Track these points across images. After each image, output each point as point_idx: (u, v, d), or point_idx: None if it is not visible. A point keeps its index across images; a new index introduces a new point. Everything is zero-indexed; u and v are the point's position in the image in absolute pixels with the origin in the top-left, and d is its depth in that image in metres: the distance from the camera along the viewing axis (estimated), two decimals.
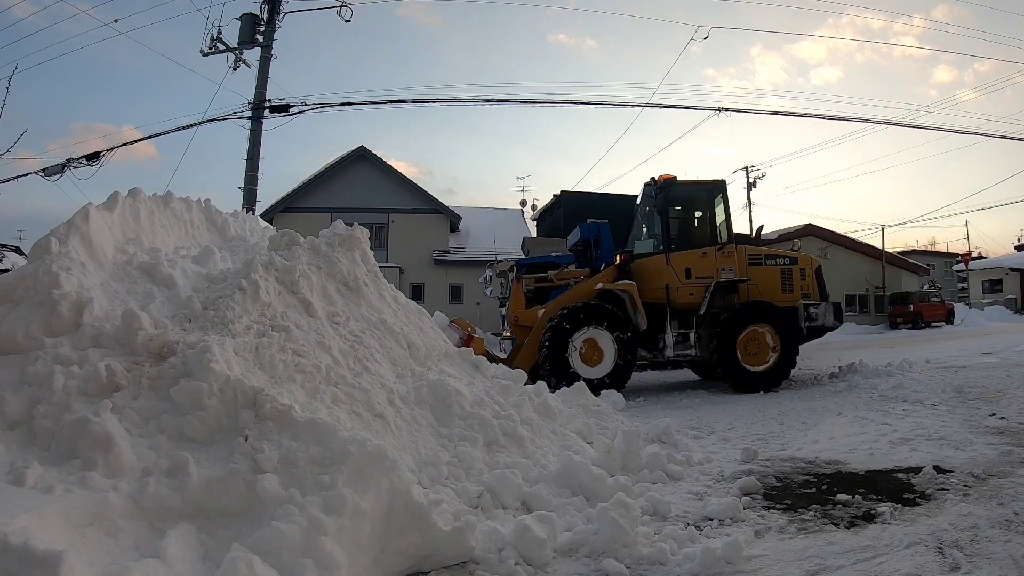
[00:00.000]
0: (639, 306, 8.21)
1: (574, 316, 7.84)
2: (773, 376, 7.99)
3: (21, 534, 1.82)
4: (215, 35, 14.07)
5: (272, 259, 4.18)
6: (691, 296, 8.33)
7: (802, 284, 8.68)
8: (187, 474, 2.45)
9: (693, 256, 8.44)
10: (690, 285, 8.35)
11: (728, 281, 8.36)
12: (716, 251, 8.42)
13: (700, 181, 8.98)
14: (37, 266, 3.32)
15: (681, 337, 8.32)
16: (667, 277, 8.39)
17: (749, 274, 8.47)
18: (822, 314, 8.56)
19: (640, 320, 8.22)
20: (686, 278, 8.36)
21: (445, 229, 23.17)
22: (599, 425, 4.88)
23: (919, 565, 2.39)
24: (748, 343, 8.02)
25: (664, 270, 8.43)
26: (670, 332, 8.29)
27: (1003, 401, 6.07)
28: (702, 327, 8.22)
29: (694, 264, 8.40)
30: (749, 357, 7.99)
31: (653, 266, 8.58)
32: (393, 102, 15.28)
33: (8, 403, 2.74)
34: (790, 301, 8.50)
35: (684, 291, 8.34)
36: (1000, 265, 37.37)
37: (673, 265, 8.40)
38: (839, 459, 4.21)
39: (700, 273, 8.36)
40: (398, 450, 3.31)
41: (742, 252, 8.56)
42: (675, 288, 8.34)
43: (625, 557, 2.60)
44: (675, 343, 8.29)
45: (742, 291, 8.42)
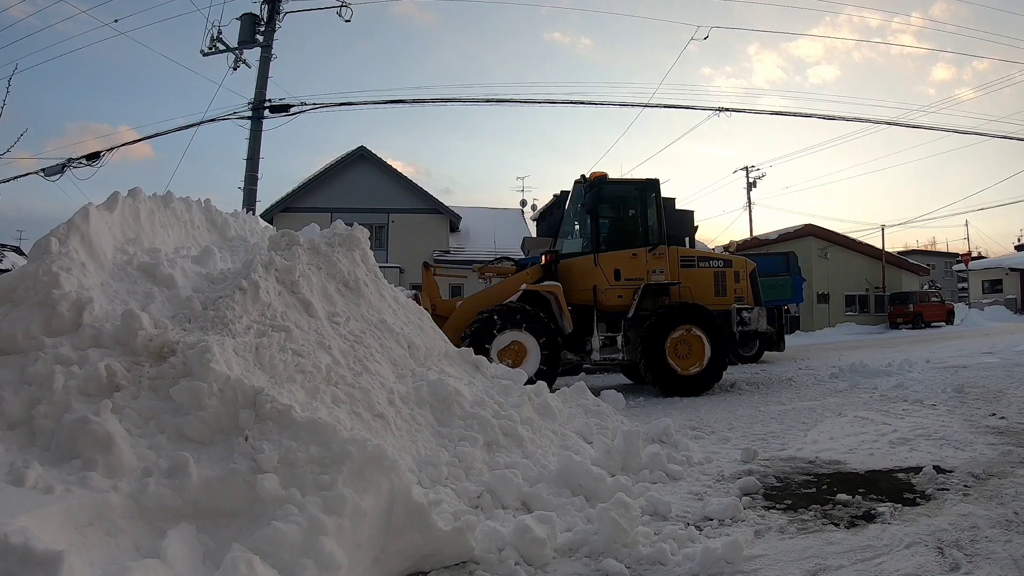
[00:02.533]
0: (564, 308, 7.99)
1: (491, 320, 7.59)
2: (703, 379, 7.84)
3: (21, 534, 1.82)
4: (215, 35, 14.10)
5: (272, 259, 4.18)
6: (620, 298, 8.12)
7: (736, 288, 8.57)
8: (187, 474, 2.45)
9: (623, 257, 8.22)
10: (619, 287, 8.13)
11: (658, 283, 8.19)
12: (647, 252, 8.20)
13: (632, 180, 8.82)
14: (37, 266, 3.32)
15: (608, 340, 8.14)
16: (595, 278, 8.18)
17: (682, 276, 8.31)
18: (755, 318, 8.47)
19: (565, 323, 7.99)
20: (615, 279, 8.15)
21: (445, 229, 23.18)
22: (599, 425, 4.88)
23: (919, 565, 2.39)
24: (678, 346, 7.85)
25: (592, 271, 8.22)
26: (597, 335, 8.09)
27: (1003, 401, 6.07)
28: (630, 330, 8.04)
29: (624, 265, 8.19)
30: (679, 360, 7.84)
31: (581, 266, 8.37)
32: (393, 102, 15.32)
33: (8, 403, 2.74)
34: (723, 304, 8.38)
35: (612, 293, 8.13)
36: (1000, 265, 37.41)
37: (602, 266, 8.18)
38: (839, 459, 4.21)
39: (630, 275, 8.15)
40: (398, 450, 3.31)
41: (674, 254, 8.39)
42: (603, 290, 8.13)
43: (625, 557, 2.60)
44: (602, 346, 8.11)
45: (673, 294, 8.26)
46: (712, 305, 8.22)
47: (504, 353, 7.51)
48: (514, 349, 7.62)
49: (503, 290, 8.41)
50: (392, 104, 15.34)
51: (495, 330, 7.54)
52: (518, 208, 27.87)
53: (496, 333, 7.54)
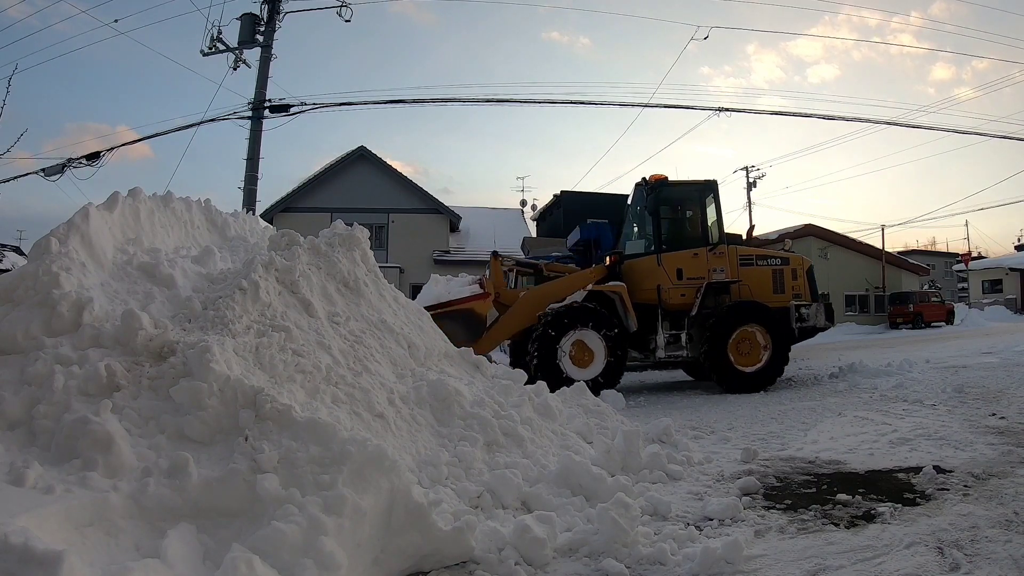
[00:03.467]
0: (629, 307, 8.22)
1: (559, 320, 7.81)
2: (764, 376, 8.00)
3: (21, 534, 1.82)
4: (215, 35, 14.07)
5: (272, 259, 4.18)
6: (683, 297, 8.31)
7: (794, 285, 8.68)
8: (187, 474, 2.45)
9: (684, 257, 8.41)
10: (681, 286, 8.33)
11: (719, 282, 8.35)
12: (707, 252, 8.40)
13: (692, 181, 8.96)
14: (37, 266, 3.32)
15: (672, 338, 8.32)
16: (659, 278, 8.38)
17: (741, 275, 8.45)
18: (813, 314, 8.57)
19: (630, 321, 8.21)
20: (677, 279, 8.34)
21: (445, 229, 23.17)
22: (599, 425, 4.88)
23: (919, 565, 2.39)
24: (740, 343, 8.02)
25: (655, 271, 8.42)
26: (661, 333, 8.29)
27: (1003, 401, 6.07)
28: (693, 328, 8.22)
29: (685, 265, 8.38)
30: (741, 357, 7.99)
31: (644, 267, 8.59)
32: (393, 102, 15.29)
33: (8, 403, 2.74)
34: (781, 302, 8.50)
35: (676, 292, 8.32)
36: (1000, 265, 37.39)
37: (664, 266, 8.39)
38: (839, 459, 4.21)
39: (692, 274, 8.34)
40: (398, 450, 3.31)
41: (733, 253, 8.54)
42: (666, 289, 8.33)
43: (625, 557, 2.60)
44: (666, 344, 8.30)
45: (733, 292, 8.42)
46: (771, 302, 8.36)
47: (573, 350, 7.78)
48: (581, 348, 7.85)
49: (566, 286, 8.54)
50: (392, 104, 15.35)
51: (564, 329, 7.77)
52: (518, 208, 27.87)
53: (565, 332, 7.78)
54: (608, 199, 22.19)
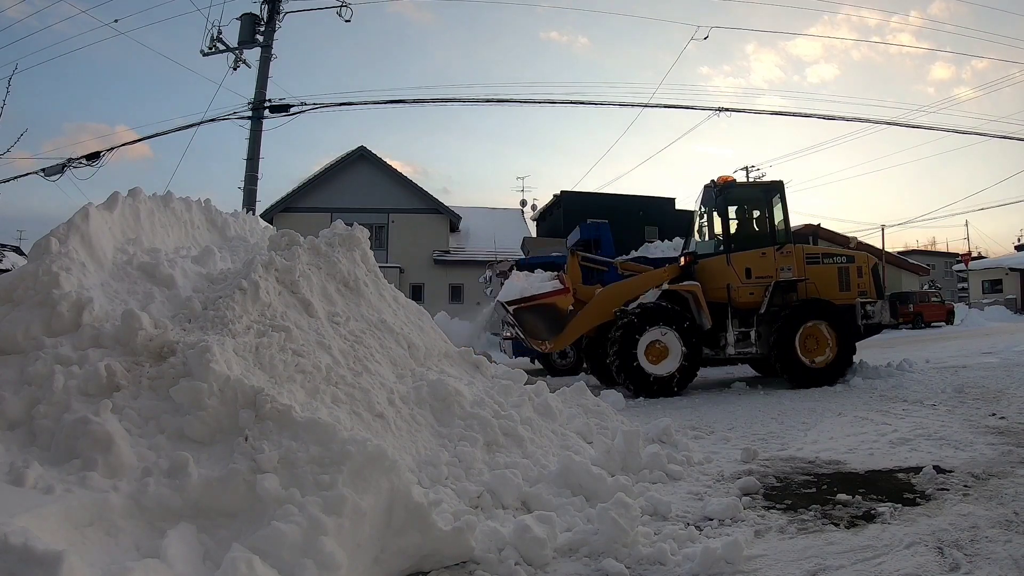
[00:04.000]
0: (704, 306, 8.45)
1: (638, 318, 8.10)
2: (830, 371, 8.14)
3: (21, 534, 1.82)
4: (215, 35, 14.08)
5: (272, 259, 4.18)
6: (751, 295, 8.49)
7: (859, 282, 8.80)
8: (187, 474, 2.45)
9: (753, 256, 8.58)
10: (750, 284, 8.50)
11: (787, 280, 8.51)
12: (775, 251, 8.55)
13: (758, 182, 9.37)
14: (37, 266, 3.32)
15: (742, 335, 8.49)
16: (728, 277, 8.56)
17: (807, 273, 8.58)
18: (878, 311, 8.71)
19: (704, 320, 8.44)
20: (746, 278, 8.51)
21: (445, 229, 23.18)
22: (599, 425, 4.88)
23: (919, 565, 2.39)
24: (806, 339, 8.17)
25: (725, 270, 8.61)
26: (731, 331, 8.47)
27: (1003, 401, 6.07)
28: (762, 325, 8.39)
29: (754, 264, 8.54)
30: (808, 353, 8.14)
31: (714, 267, 8.77)
32: (393, 102, 15.31)
33: (8, 403, 2.74)
34: (847, 299, 8.62)
35: (745, 290, 8.49)
36: (1000, 265, 37.38)
37: (734, 265, 8.57)
38: (839, 459, 4.21)
39: (760, 273, 8.51)
40: (398, 450, 3.31)
41: (800, 251, 8.69)
42: (736, 288, 8.50)
43: (625, 557, 2.60)
44: (736, 341, 8.47)
45: (800, 290, 8.56)
46: (837, 300, 8.51)
47: (649, 348, 8.04)
48: (658, 345, 8.11)
49: (640, 285, 8.82)
50: (392, 104, 15.35)
51: (642, 327, 8.05)
52: (518, 208, 27.88)
53: (643, 330, 8.05)
54: (608, 199, 22.25)
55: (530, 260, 13.66)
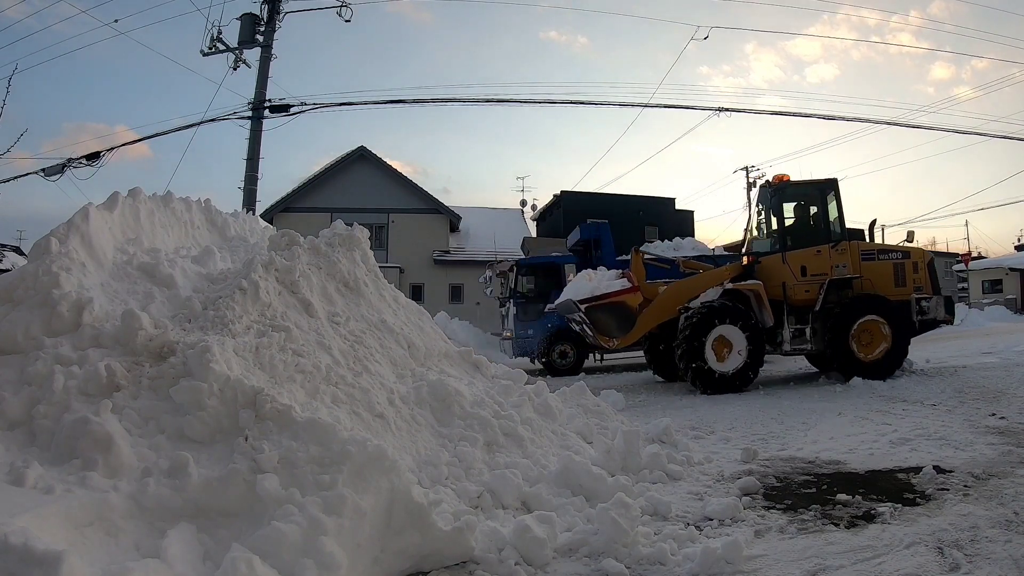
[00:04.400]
0: (766, 304, 8.58)
1: (705, 316, 8.24)
2: (884, 366, 8.19)
3: (21, 534, 1.82)
4: (215, 35, 14.06)
5: (272, 259, 4.18)
6: (807, 293, 8.55)
7: (915, 278, 8.80)
8: (187, 474, 2.45)
9: (808, 254, 8.65)
10: (805, 282, 8.57)
11: (842, 278, 8.54)
12: (830, 248, 8.59)
13: (812, 180, 9.18)
14: (37, 266, 3.32)
15: (798, 332, 8.59)
16: (784, 275, 8.67)
17: (863, 269, 8.63)
18: (933, 307, 8.69)
19: (767, 317, 8.59)
20: (802, 275, 8.59)
21: (445, 229, 23.16)
22: (599, 425, 4.88)
23: (919, 565, 2.39)
24: (860, 335, 8.23)
25: (781, 268, 8.72)
26: (787, 327, 8.57)
27: (1003, 401, 6.07)
28: (817, 321, 8.45)
29: (809, 262, 8.61)
30: (863, 348, 8.20)
31: (770, 265, 8.91)
32: (393, 102, 15.29)
33: (8, 403, 2.74)
34: (903, 295, 8.64)
35: (800, 288, 8.58)
36: (1000, 265, 37.34)
37: (789, 263, 8.67)
38: (839, 459, 4.21)
39: (815, 270, 8.56)
40: (398, 450, 3.31)
41: (855, 248, 8.71)
42: (791, 286, 8.61)
43: (625, 557, 2.60)
44: (792, 337, 8.58)
45: (856, 286, 8.59)
46: (893, 295, 8.55)
47: (715, 345, 8.16)
48: (724, 342, 8.22)
49: (703, 283, 8.98)
50: (392, 104, 15.34)
51: (709, 324, 8.19)
52: (518, 208, 27.85)
53: (710, 327, 8.18)
54: (608, 199, 22.24)
55: (530, 260, 13.68)
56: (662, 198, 24.02)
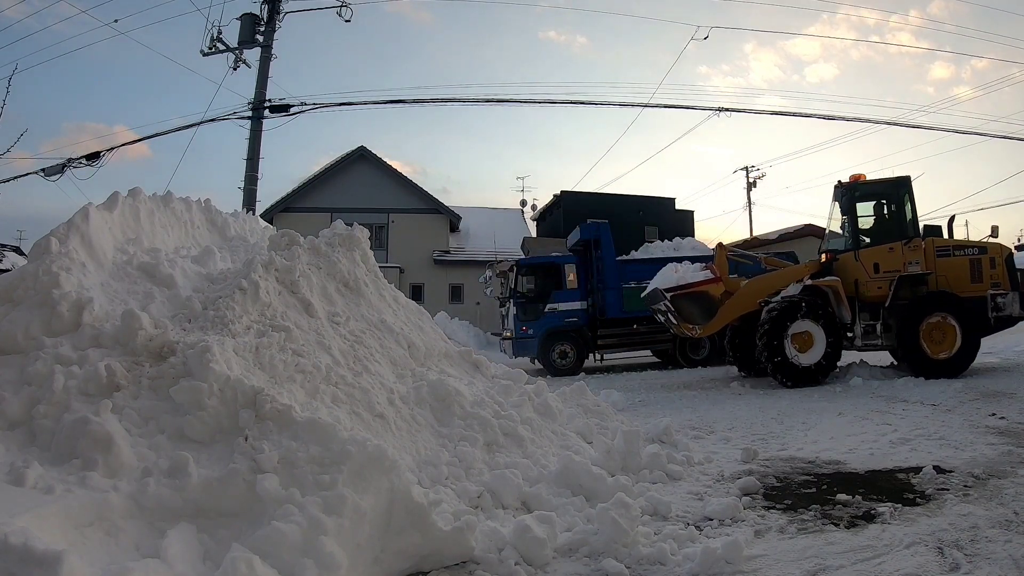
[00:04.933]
0: (844, 300, 8.69)
1: (786, 311, 8.44)
2: (955, 364, 8.12)
3: (21, 534, 1.82)
4: (215, 35, 14.08)
5: (272, 259, 4.18)
6: (879, 289, 8.60)
7: (992, 274, 8.68)
8: (187, 474, 2.45)
9: (881, 252, 8.75)
10: (878, 279, 8.63)
11: (913, 274, 8.53)
12: (903, 245, 8.62)
13: (885, 179, 9.23)
14: (37, 266, 3.32)
15: (869, 328, 8.66)
16: (857, 272, 8.77)
17: (937, 265, 8.60)
18: (1009, 303, 8.56)
19: (844, 313, 8.70)
20: (874, 272, 8.66)
21: (445, 229, 23.15)
22: (599, 425, 4.88)
23: (919, 565, 2.39)
24: (932, 332, 8.21)
25: (854, 266, 8.82)
26: (859, 323, 8.67)
27: (1003, 401, 6.07)
28: (890, 318, 8.48)
29: (881, 259, 8.69)
30: (934, 346, 8.18)
31: (845, 262, 9.02)
32: (393, 102, 15.29)
33: (8, 403, 2.74)
34: (979, 291, 8.55)
35: (873, 285, 8.64)
36: None
37: (862, 261, 8.76)
38: (839, 459, 4.21)
39: (887, 267, 8.61)
40: (398, 450, 3.31)
41: (930, 245, 8.70)
42: (864, 282, 8.70)
43: (625, 557, 2.60)
44: (864, 333, 8.66)
45: (931, 282, 8.57)
46: (968, 292, 8.50)
47: (796, 339, 8.37)
48: (803, 337, 8.42)
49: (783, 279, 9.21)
50: (392, 104, 15.35)
51: (789, 319, 8.39)
52: (518, 208, 27.83)
53: (790, 321, 8.39)
54: (608, 199, 22.20)
55: (530, 260, 13.67)
56: (662, 198, 23.97)
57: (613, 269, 12.60)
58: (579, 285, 12.73)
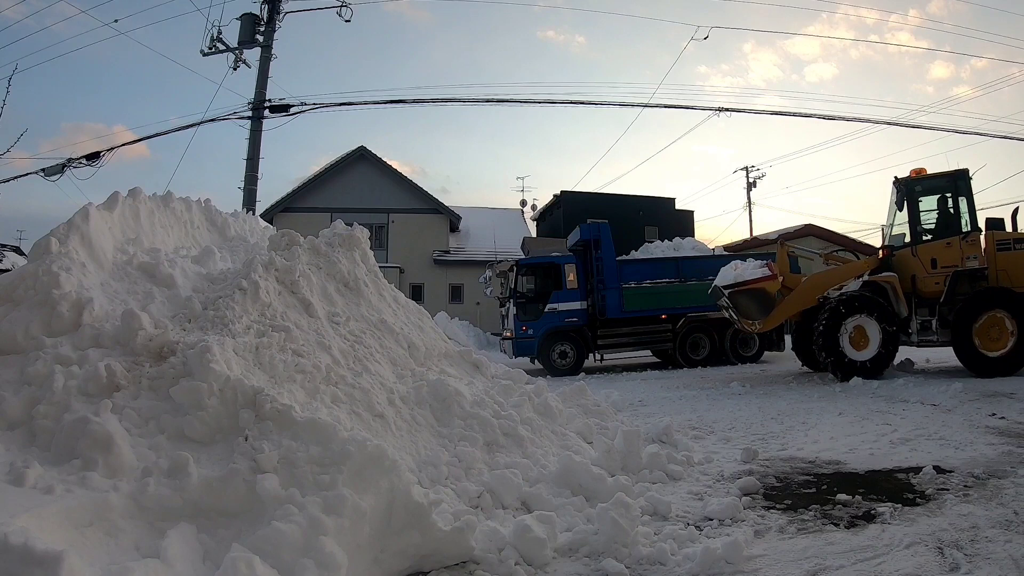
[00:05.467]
0: (901, 296, 8.68)
1: (843, 307, 8.48)
2: (1010, 361, 7.97)
3: (21, 534, 1.82)
4: (215, 35, 14.07)
5: (272, 259, 4.19)
6: (936, 285, 8.49)
7: None
8: (187, 474, 2.45)
9: (938, 247, 8.62)
10: (935, 275, 8.51)
11: (969, 270, 8.39)
12: (960, 240, 8.48)
13: (942, 173, 9.05)
14: (37, 266, 3.32)
15: (926, 324, 8.57)
16: (914, 268, 8.70)
17: (999, 260, 8.41)
18: None
19: (901, 308, 8.68)
20: (932, 268, 8.55)
21: (445, 229, 23.14)
22: (599, 425, 4.88)
23: (919, 565, 2.39)
24: (988, 329, 8.05)
25: (912, 261, 8.75)
26: (915, 320, 8.61)
27: (1003, 401, 6.07)
28: (946, 314, 8.34)
29: (939, 254, 8.56)
30: (989, 343, 8.02)
31: (903, 257, 8.96)
32: (393, 102, 15.29)
33: (8, 403, 2.74)
34: None
35: (930, 280, 8.54)
36: None
37: (920, 256, 8.66)
38: (839, 459, 4.21)
39: (945, 263, 8.49)
40: (398, 450, 3.31)
41: (989, 238, 8.52)
42: (921, 278, 8.62)
43: (625, 557, 2.60)
44: (920, 329, 8.60)
45: (991, 277, 8.38)
46: None
47: (851, 334, 8.42)
48: (859, 332, 8.44)
49: (842, 274, 9.32)
50: (392, 104, 15.34)
51: (846, 315, 8.44)
52: (518, 208, 27.84)
53: (847, 317, 8.43)
54: (608, 199, 22.21)
55: (530, 260, 13.67)
56: (662, 198, 23.99)
57: (613, 269, 12.60)
58: (579, 285, 12.73)
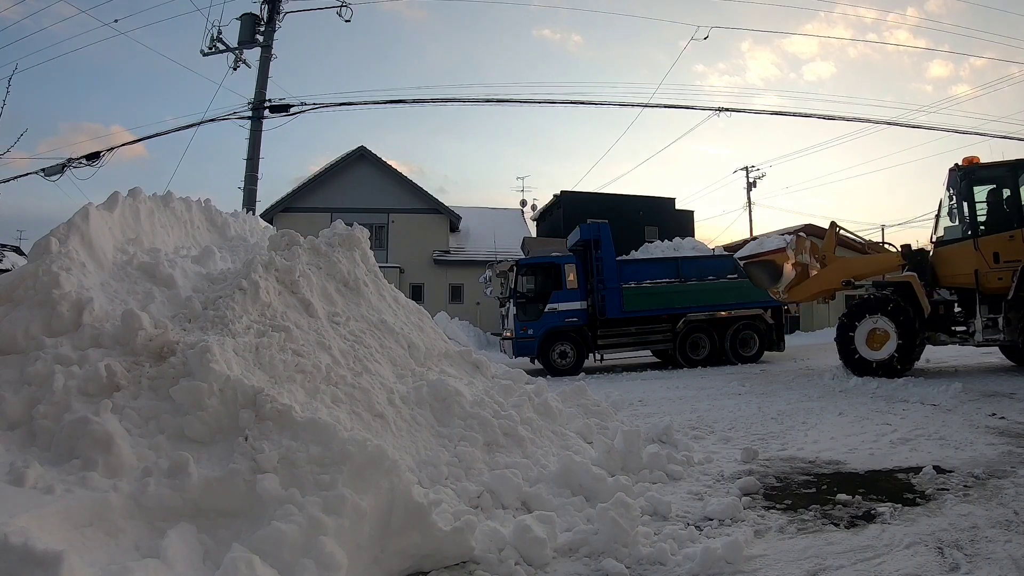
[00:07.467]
0: (921, 294, 8.52)
1: (859, 308, 8.62)
2: None
3: (21, 534, 1.82)
4: (215, 35, 14.08)
5: (272, 259, 4.19)
6: (1000, 280, 8.09)
7: None
8: (187, 474, 2.45)
9: (1001, 240, 8.20)
10: (999, 269, 8.12)
11: None
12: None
13: (1004, 162, 8.70)
14: (37, 266, 3.32)
15: (990, 322, 8.19)
16: (975, 262, 8.28)
17: None
18: None
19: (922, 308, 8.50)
20: (995, 262, 8.16)
21: (445, 229, 23.14)
22: (599, 425, 4.88)
23: (919, 565, 2.39)
24: None
25: (972, 255, 8.33)
26: (979, 317, 8.21)
27: (1003, 401, 6.07)
28: (1011, 311, 7.94)
29: (1002, 248, 8.16)
30: None
31: (962, 251, 8.50)
32: (393, 102, 15.29)
33: (8, 403, 2.74)
34: None
35: (993, 276, 8.16)
36: None
37: (982, 250, 8.25)
38: (839, 459, 4.21)
39: (1008, 257, 8.07)
40: (398, 450, 3.31)
41: None
42: (984, 273, 8.21)
43: (625, 557, 2.60)
44: (984, 328, 8.20)
45: None
46: None
47: (868, 336, 8.49)
48: (875, 332, 8.50)
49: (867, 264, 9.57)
50: (392, 104, 15.35)
51: (859, 317, 8.54)
52: (518, 208, 27.84)
53: (859, 320, 8.53)
54: (608, 199, 22.23)
55: (530, 260, 13.67)
56: (662, 198, 24.00)
57: (613, 269, 12.60)
58: (579, 285, 12.73)
